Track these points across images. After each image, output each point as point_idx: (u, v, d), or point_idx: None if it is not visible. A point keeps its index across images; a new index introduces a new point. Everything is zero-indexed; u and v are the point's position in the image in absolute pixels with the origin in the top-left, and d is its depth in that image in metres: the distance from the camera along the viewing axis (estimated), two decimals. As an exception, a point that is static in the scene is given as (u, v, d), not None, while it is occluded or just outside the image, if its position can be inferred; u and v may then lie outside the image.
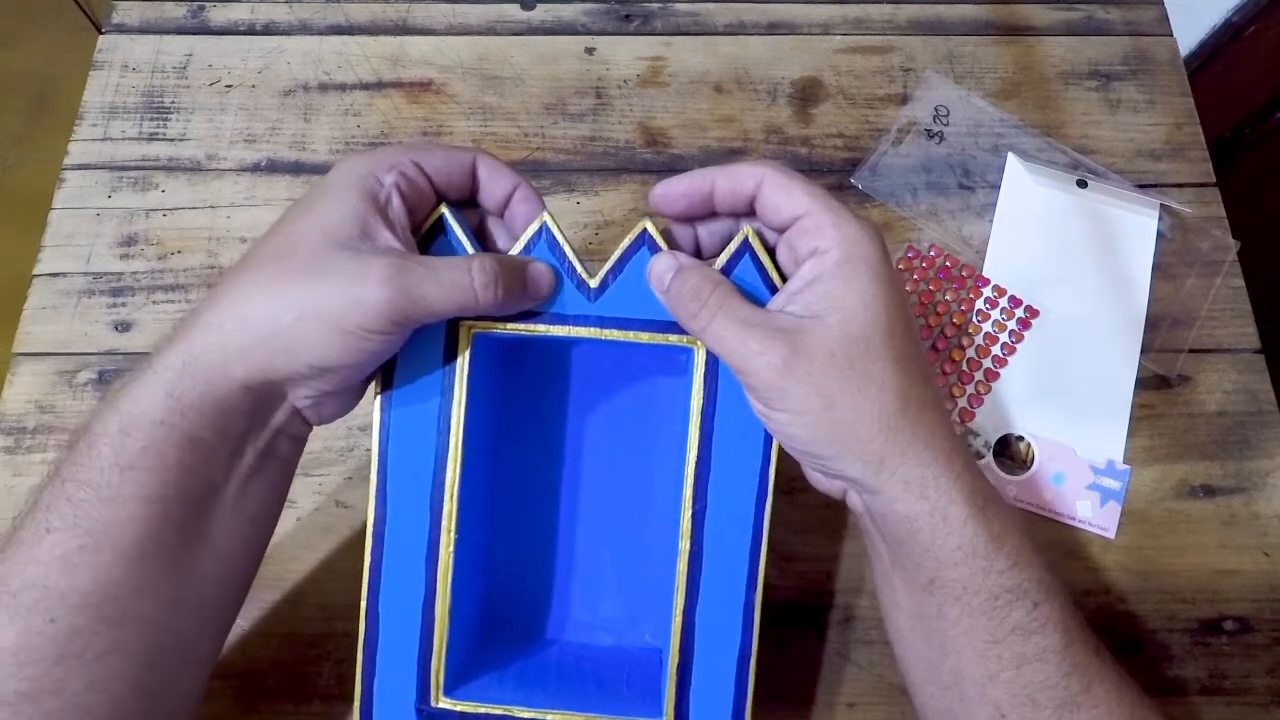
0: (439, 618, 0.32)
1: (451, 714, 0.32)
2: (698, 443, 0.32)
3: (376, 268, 0.28)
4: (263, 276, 0.29)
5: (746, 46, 0.56)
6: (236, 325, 0.28)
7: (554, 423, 0.38)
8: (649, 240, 0.32)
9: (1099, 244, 0.50)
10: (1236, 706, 0.42)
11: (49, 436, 0.45)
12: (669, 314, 0.32)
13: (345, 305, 0.28)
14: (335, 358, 0.28)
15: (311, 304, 0.28)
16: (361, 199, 0.29)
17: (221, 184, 0.52)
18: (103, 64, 0.55)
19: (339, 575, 0.43)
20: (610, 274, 0.32)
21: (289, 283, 0.28)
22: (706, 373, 0.32)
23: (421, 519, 0.32)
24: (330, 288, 0.28)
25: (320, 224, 0.29)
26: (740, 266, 0.32)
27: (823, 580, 0.43)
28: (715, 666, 0.32)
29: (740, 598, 0.32)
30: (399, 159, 0.31)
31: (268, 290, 0.28)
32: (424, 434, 0.32)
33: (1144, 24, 0.57)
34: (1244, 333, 0.48)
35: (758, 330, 0.29)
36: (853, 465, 0.29)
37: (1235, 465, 0.46)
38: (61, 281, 0.49)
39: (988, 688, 0.29)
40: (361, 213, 0.29)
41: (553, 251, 0.32)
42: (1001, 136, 0.53)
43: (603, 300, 0.32)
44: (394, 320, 0.28)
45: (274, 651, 0.41)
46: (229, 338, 0.28)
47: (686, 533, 0.32)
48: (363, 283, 0.28)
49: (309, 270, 0.28)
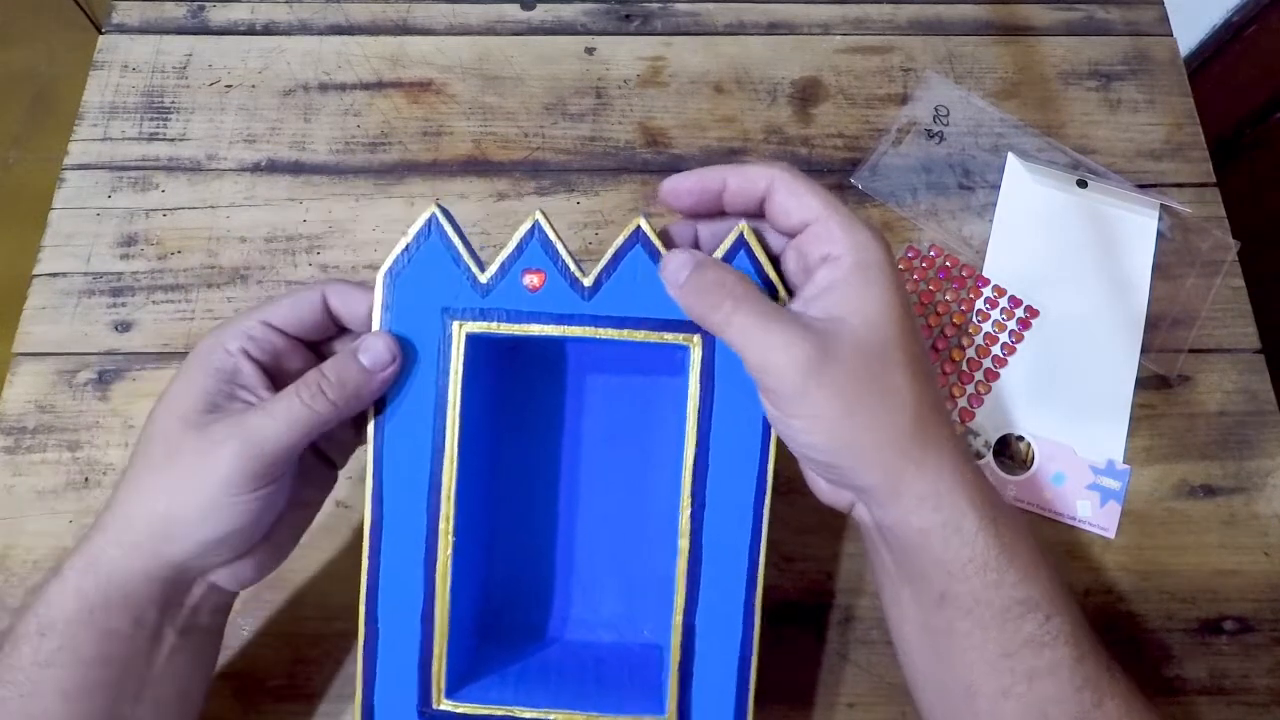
0: (439, 620, 0.32)
1: (453, 716, 0.32)
2: (695, 441, 0.32)
3: (218, 434, 0.29)
4: (134, 473, 0.30)
5: (746, 46, 0.56)
6: (124, 523, 0.30)
7: (550, 423, 0.37)
8: (643, 238, 0.32)
9: (1099, 244, 0.50)
10: (1236, 706, 0.42)
11: (49, 436, 0.45)
12: (664, 313, 0.31)
13: (201, 481, 0.29)
14: (218, 528, 0.30)
15: (173, 487, 0.29)
16: (207, 376, 0.31)
17: (221, 184, 0.52)
18: (103, 64, 0.55)
19: (339, 576, 0.43)
20: (604, 272, 0.32)
21: (153, 474, 0.30)
22: (703, 370, 0.32)
23: (419, 521, 0.32)
24: (184, 468, 0.29)
25: (171, 410, 0.30)
26: (736, 262, 0.32)
27: (823, 580, 0.43)
28: (716, 663, 0.32)
29: (740, 595, 0.32)
30: (245, 324, 0.32)
31: (139, 485, 0.30)
32: (419, 436, 0.32)
33: (1144, 24, 0.57)
34: (1244, 333, 0.48)
35: (783, 325, 0.28)
36: (869, 477, 0.29)
37: (1235, 465, 0.46)
38: (61, 281, 0.49)
39: (1000, 702, 0.29)
40: (208, 389, 0.30)
41: (545, 250, 0.32)
42: (1001, 136, 0.53)
43: (597, 299, 0.32)
44: (250, 474, 0.29)
45: (274, 651, 0.41)
46: (121, 535, 0.30)
47: (685, 531, 0.32)
48: (207, 455, 0.29)
49: (166, 457, 0.30)
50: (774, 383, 0.28)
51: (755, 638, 0.32)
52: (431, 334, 0.32)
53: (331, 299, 0.33)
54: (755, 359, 0.29)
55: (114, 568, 0.29)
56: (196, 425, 0.30)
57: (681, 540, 0.32)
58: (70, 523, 0.44)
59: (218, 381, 0.31)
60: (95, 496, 0.44)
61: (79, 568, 0.30)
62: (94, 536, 0.30)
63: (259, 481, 0.29)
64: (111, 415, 0.46)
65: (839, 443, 0.29)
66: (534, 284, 0.32)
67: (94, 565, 0.30)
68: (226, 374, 0.31)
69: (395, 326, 0.32)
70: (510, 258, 0.32)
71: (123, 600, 0.29)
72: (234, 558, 0.31)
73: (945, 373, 0.47)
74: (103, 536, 0.30)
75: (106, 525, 0.30)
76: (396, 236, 0.32)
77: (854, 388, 0.28)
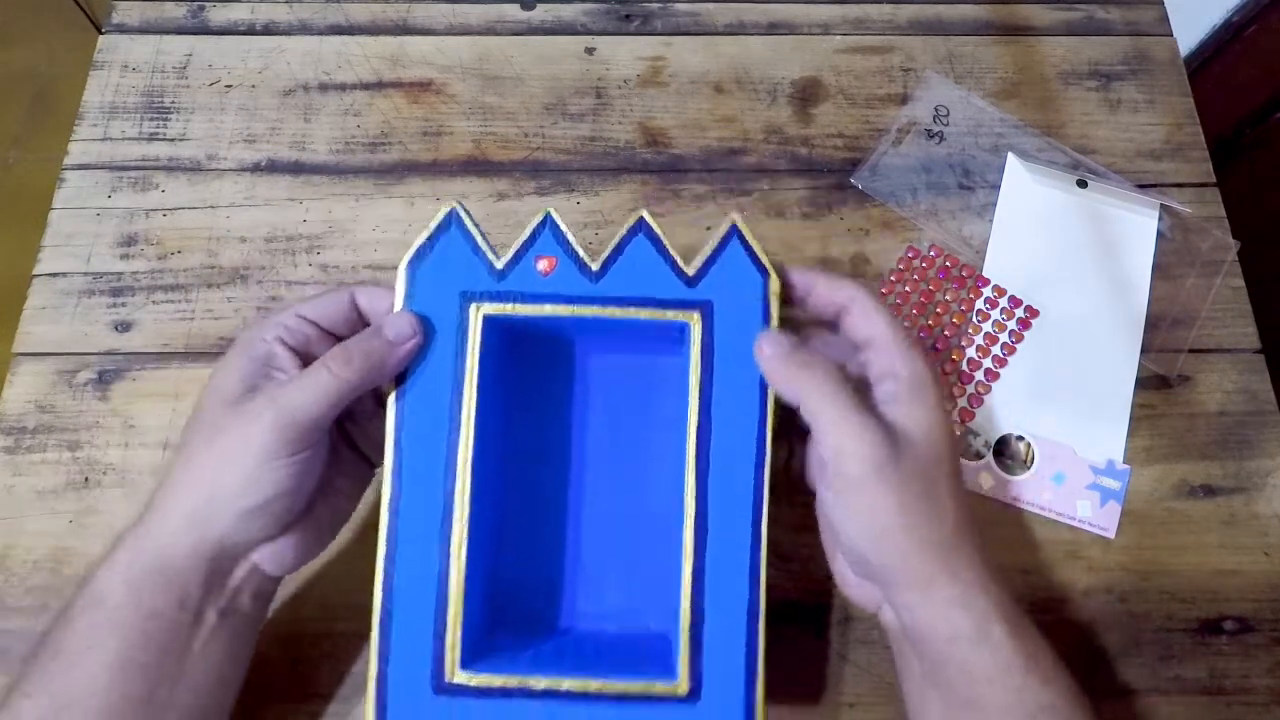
0: (454, 592, 0.33)
1: (467, 688, 0.32)
2: (698, 408, 0.34)
3: (254, 408, 0.32)
4: (181, 456, 0.33)
5: (747, 46, 0.56)
6: (171, 502, 0.32)
7: (557, 411, 0.39)
8: (645, 227, 0.35)
9: (1099, 244, 0.50)
10: (1236, 706, 0.42)
11: (49, 436, 0.45)
12: (665, 293, 0.34)
13: (241, 452, 0.31)
14: (257, 495, 0.31)
15: (216, 463, 0.32)
16: (248, 361, 0.33)
17: (221, 184, 0.52)
18: (103, 64, 0.55)
19: (339, 575, 0.43)
20: (610, 258, 0.35)
21: (198, 453, 0.32)
22: (703, 343, 0.34)
23: (435, 496, 0.33)
24: (226, 443, 0.32)
25: (215, 392, 0.33)
26: (729, 249, 0.35)
27: (823, 580, 0.43)
28: (726, 625, 0.33)
29: (746, 557, 0.33)
30: (280, 316, 0.34)
31: (186, 465, 0.32)
32: (436, 414, 0.34)
33: (1144, 24, 0.57)
34: (1244, 333, 0.48)
35: (864, 416, 0.31)
36: (904, 575, 0.31)
37: (1235, 465, 0.46)
38: (61, 281, 0.49)
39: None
40: (247, 373, 0.33)
41: (556, 239, 0.35)
42: (1001, 136, 0.53)
43: (604, 282, 0.35)
44: (285, 441, 0.31)
45: (274, 651, 0.41)
46: (168, 514, 0.32)
47: (691, 495, 0.33)
48: (246, 427, 0.31)
49: (209, 436, 0.32)
50: (847, 467, 0.31)
51: (762, 597, 0.33)
52: (450, 318, 0.34)
53: (360, 298, 0.36)
54: (835, 442, 0.31)
55: (160, 546, 0.31)
56: (235, 403, 0.32)
57: (688, 503, 0.34)
58: (70, 523, 0.44)
59: (254, 365, 0.33)
60: (95, 496, 0.44)
61: (129, 547, 0.32)
62: (144, 518, 0.32)
63: (293, 447, 0.31)
64: (111, 415, 0.46)
65: (885, 538, 0.31)
66: (546, 268, 0.34)
67: (141, 545, 0.32)
68: (262, 358, 0.33)
69: (416, 310, 0.34)
70: (524, 245, 0.35)
71: (167, 581, 0.31)
72: (275, 534, 0.33)
73: (945, 372, 0.47)
74: (152, 516, 0.32)
75: (155, 506, 0.32)
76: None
77: (910, 490, 0.31)
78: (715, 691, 0.33)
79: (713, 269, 0.35)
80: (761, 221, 0.51)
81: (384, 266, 0.49)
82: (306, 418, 0.32)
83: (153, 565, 0.31)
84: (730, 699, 0.33)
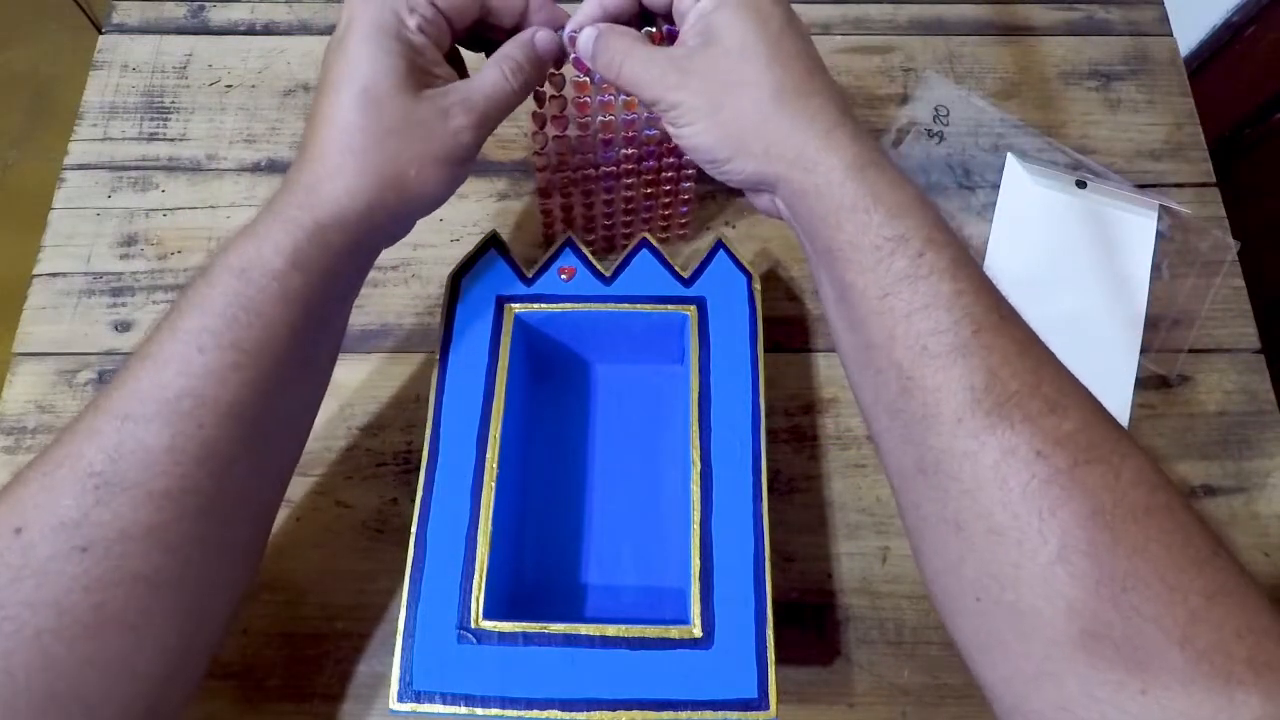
0: (481, 543, 0.36)
1: (490, 633, 0.34)
2: (698, 382, 0.39)
3: (451, 101, 0.33)
4: (367, 140, 0.32)
5: (746, 46, 0.56)
6: (360, 194, 0.31)
7: (575, 414, 0.44)
8: (647, 244, 0.42)
9: (1098, 244, 0.50)
10: (1236, 706, 0.42)
11: (49, 436, 0.45)
12: (666, 291, 0.41)
13: (447, 142, 0.33)
14: (446, 190, 0.34)
15: (419, 150, 0.32)
16: (394, 56, 0.32)
17: (221, 184, 0.52)
18: (103, 64, 0.55)
19: (339, 575, 0.43)
20: (620, 266, 0.42)
21: (394, 139, 0.32)
22: (699, 327, 0.40)
23: (468, 458, 0.37)
24: (430, 131, 0.32)
25: (388, 77, 0.32)
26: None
27: (823, 580, 0.43)
28: (734, 574, 0.35)
29: (749, 508, 0.37)
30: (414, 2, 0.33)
31: (380, 150, 0.32)
32: (473, 394, 0.38)
33: (1144, 24, 0.57)
34: (1244, 333, 0.48)
35: (657, 63, 0.33)
36: (747, 160, 0.32)
37: (1235, 465, 0.46)
38: (61, 281, 0.49)
39: (892, 351, 0.29)
40: (399, 69, 0.32)
41: (575, 253, 0.42)
42: (1001, 136, 0.53)
43: (615, 285, 0.41)
44: (481, 138, 0.34)
45: (274, 651, 0.41)
46: (354, 201, 0.31)
47: (695, 451, 0.38)
48: (449, 119, 0.33)
49: (404, 121, 0.32)
50: (659, 106, 0.33)
51: (766, 547, 0.36)
52: (487, 318, 0.40)
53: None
54: (645, 94, 0.33)
55: (337, 235, 0.31)
56: (416, 98, 0.32)
57: (693, 458, 0.37)
58: (70, 523, 0.44)
59: (408, 59, 0.32)
60: (95, 496, 0.44)
61: (306, 226, 0.31)
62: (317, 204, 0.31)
63: (477, 150, 0.34)
64: (111, 415, 0.46)
65: (715, 138, 0.32)
66: (567, 277, 0.41)
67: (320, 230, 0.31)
68: (413, 50, 0.33)
69: (462, 313, 0.40)
70: (549, 259, 0.42)
71: (333, 264, 0.32)
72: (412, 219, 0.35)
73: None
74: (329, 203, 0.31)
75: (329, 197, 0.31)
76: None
77: (715, 89, 0.32)
78: (728, 635, 0.34)
79: (705, 272, 0.41)
80: (762, 221, 0.51)
81: (382, 266, 0.49)
82: (492, 120, 0.34)
83: (326, 249, 0.31)
84: (742, 642, 0.34)
